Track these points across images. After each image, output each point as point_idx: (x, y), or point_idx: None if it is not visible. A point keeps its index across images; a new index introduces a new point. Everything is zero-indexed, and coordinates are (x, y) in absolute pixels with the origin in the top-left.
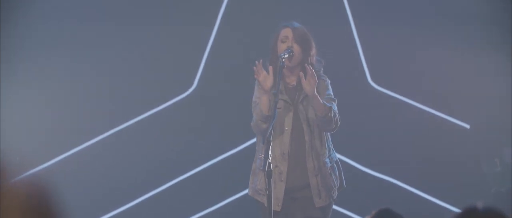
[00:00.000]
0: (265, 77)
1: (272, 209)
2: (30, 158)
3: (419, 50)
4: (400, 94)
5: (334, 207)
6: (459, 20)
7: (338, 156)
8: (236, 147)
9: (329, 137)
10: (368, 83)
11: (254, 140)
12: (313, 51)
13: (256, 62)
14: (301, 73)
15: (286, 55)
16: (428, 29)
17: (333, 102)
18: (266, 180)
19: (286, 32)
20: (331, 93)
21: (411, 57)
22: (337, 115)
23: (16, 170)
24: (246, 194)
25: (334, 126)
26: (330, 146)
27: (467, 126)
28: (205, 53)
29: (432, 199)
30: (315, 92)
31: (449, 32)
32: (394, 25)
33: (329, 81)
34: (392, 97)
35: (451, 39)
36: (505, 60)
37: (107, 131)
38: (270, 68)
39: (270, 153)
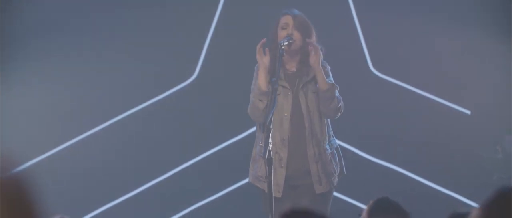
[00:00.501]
0: (261, 55)
1: (273, 195)
2: (27, 150)
3: (420, 36)
4: (401, 81)
5: (336, 194)
6: (461, 7)
7: (339, 142)
8: (237, 135)
9: (329, 123)
10: (370, 69)
11: (255, 128)
12: (314, 38)
13: (262, 41)
14: (310, 48)
15: (286, 43)
16: (430, 16)
17: (335, 90)
18: (267, 167)
19: (286, 19)
20: (332, 80)
21: (412, 43)
22: (341, 101)
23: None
24: (248, 182)
25: (337, 109)
26: (330, 132)
27: (468, 112)
28: (206, 41)
29: (433, 185)
30: (320, 66)
31: (451, 18)
32: (395, 12)
33: (330, 68)
34: (393, 83)
35: (453, 26)
36: (507, 47)
37: (108, 120)
38: (267, 50)
39: (270, 140)
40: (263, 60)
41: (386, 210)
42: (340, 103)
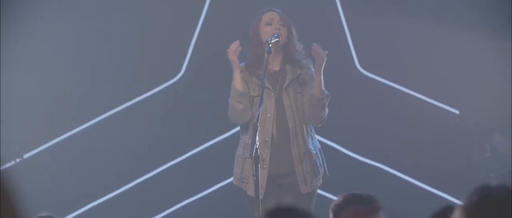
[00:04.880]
0: (233, 56)
1: (255, 196)
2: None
3: (407, 35)
4: (389, 80)
5: (322, 192)
6: (448, 5)
7: (326, 141)
8: (223, 134)
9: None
10: (356, 68)
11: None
12: (295, 32)
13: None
14: (313, 52)
15: (274, 40)
16: (417, 14)
17: None
18: (254, 165)
19: (271, 15)
20: None
21: (399, 42)
22: (327, 112)
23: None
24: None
25: (322, 119)
26: (313, 134)
27: (457, 112)
28: (193, 39)
29: (421, 185)
30: (321, 72)
31: (438, 17)
32: (382, 11)
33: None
34: (380, 82)
35: (441, 25)
36: (495, 46)
37: (93, 119)
38: (238, 49)
39: (257, 138)
40: (235, 61)
41: (354, 202)
42: (326, 115)
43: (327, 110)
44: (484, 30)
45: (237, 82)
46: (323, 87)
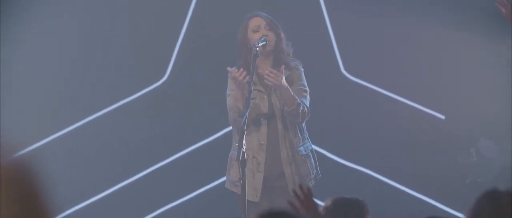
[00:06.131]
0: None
1: (251, 200)
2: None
3: (393, 39)
4: (374, 84)
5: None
6: (434, 8)
7: (313, 146)
8: (208, 137)
9: (304, 126)
10: (341, 72)
11: (228, 129)
12: (283, 35)
13: (228, 68)
14: (267, 73)
15: (260, 44)
16: (403, 18)
17: (305, 94)
18: (240, 169)
19: (257, 21)
20: (305, 83)
21: (385, 46)
22: (306, 107)
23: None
24: (222, 184)
25: (300, 119)
26: (305, 135)
27: (442, 117)
28: (177, 42)
29: (406, 190)
30: (282, 83)
31: (424, 22)
32: (367, 14)
33: (303, 70)
34: (366, 87)
35: (426, 28)
36: (481, 51)
37: (78, 121)
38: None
39: (244, 142)
40: (236, 88)
41: (343, 206)
42: (304, 109)
43: (305, 112)
44: (470, 34)
45: (240, 101)
46: (293, 98)
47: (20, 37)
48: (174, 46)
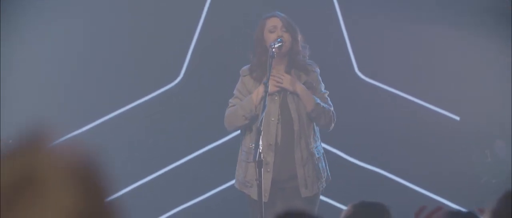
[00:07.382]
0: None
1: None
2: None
3: (407, 40)
4: (388, 85)
5: (325, 198)
6: (450, 10)
7: (325, 146)
8: (222, 137)
9: (317, 128)
10: (355, 73)
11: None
12: (300, 37)
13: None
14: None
15: (277, 45)
16: (417, 19)
17: (327, 98)
18: (257, 169)
19: (274, 21)
20: (323, 86)
21: (399, 47)
22: (331, 111)
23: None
24: (232, 185)
25: (328, 123)
26: (317, 138)
27: (457, 118)
28: (192, 43)
29: (422, 190)
30: (295, 86)
31: (438, 23)
32: (382, 15)
33: (319, 71)
34: (380, 88)
35: (441, 30)
36: (496, 52)
37: (91, 122)
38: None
39: (260, 142)
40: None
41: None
42: (329, 116)
43: (329, 114)
44: (484, 35)
45: (255, 95)
46: (311, 99)
47: (20, 37)
48: (189, 47)
